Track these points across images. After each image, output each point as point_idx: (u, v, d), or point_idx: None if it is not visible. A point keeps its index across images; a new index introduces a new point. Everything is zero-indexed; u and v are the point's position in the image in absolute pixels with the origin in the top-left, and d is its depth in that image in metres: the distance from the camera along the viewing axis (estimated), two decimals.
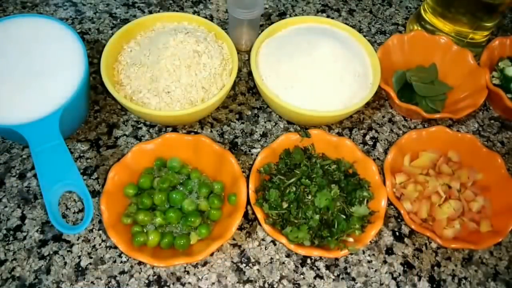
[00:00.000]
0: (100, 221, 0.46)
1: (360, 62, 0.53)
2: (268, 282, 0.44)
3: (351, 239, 0.44)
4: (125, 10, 0.65)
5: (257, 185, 0.46)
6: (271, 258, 0.46)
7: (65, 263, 0.44)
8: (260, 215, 0.44)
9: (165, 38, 0.50)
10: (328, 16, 0.68)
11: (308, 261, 0.46)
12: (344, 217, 0.44)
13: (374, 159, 0.53)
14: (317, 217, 0.44)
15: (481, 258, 0.48)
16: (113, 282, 0.43)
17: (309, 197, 0.45)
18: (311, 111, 0.49)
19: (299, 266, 0.45)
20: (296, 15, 0.67)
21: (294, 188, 0.45)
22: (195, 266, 0.44)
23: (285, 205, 0.45)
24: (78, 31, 0.62)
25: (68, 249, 0.45)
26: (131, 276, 0.43)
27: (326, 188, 0.45)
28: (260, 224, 0.45)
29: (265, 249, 0.46)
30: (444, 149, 0.52)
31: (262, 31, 0.55)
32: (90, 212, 0.42)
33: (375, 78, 0.53)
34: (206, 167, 0.48)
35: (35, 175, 0.48)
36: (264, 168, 0.47)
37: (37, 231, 0.45)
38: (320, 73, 0.51)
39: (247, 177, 0.46)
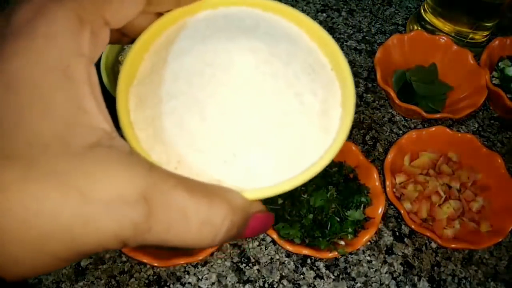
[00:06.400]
0: None
1: (314, 85, 0.24)
2: (268, 282, 0.44)
3: (342, 242, 0.44)
4: None
5: None
6: (271, 258, 0.46)
7: None
8: None
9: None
10: (328, 16, 0.68)
11: (308, 261, 0.46)
12: (338, 219, 0.44)
13: (374, 159, 0.53)
14: (310, 216, 0.44)
15: (481, 258, 0.48)
16: (113, 282, 0.43)
17: (305, 195, 0.45)
18: None
19: (299, 266, 0.45)
20: None
21: None
22: (195, 266, 0.44)
23: (280, 201, 0.45)
24: None
25: None
26: (131, 276, 0.43)
27: (323, 189, 0.45)
28: None
29: (265, 249, 0.46)
30: (444, 149, 0.52)
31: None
32: None
33: (346, 112, 0.24)
34: None
35: None
36: None
37: None
38: (232, 120, 0.22)
39: None
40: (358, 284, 0.45)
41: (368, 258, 0.47)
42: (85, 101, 0.18)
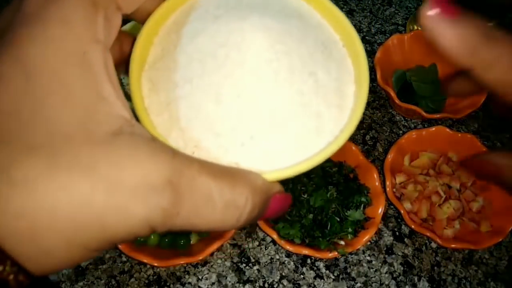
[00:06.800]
0: None
1: (328, 63, 0.24)
2: (268, 282, 0.44)
3: (342, 242, 0.44)
4: None
5: None
6: (271, 258, 0.46)
7: None
8: None
9: None
10: None
11: (308, 261, 0.46)
12: (338, 219, 0.44)
13: (374, 159, 0.53)
14: (310, 216, 0.44)
15: (481, 258, 0.48)
16: (113, 282, 0.43)
17: (305, 195, 0.45)
18: None
19: (299, 266, 0.45)
20: None
21: (291, 185, 0.45)
22: (195, 266, 0.44)
23: None
24: None
25: None
26: (131, 276, 0.43)
27: (323, 188, 0.45)
28: None
29: (265, 249, 0.46)
30: (444, 149, 0.52)
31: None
32: None
33: (360, 89, 0.23)
34: None
35: None
36: None
37: None
38: (248, 102, 0.22)
39: None
40: (358, 284, 0.45)
41: (368, 258, 0.47)
42: (104, 88, 0.18)
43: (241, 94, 0.21)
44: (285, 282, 0.44)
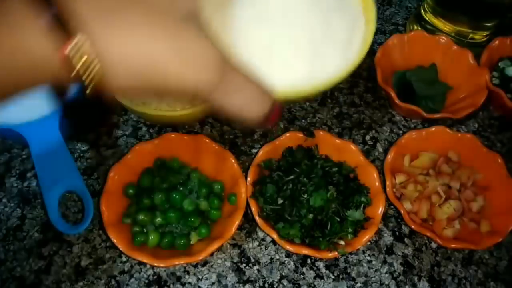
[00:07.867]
0: (100, 221, 0.46)
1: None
2: (268, 282, 0.44)
3: (342, 242, 0.44)
4: None
5: (255, 179, 0.46)
6: (271, 258, 0.46)
7: (65, 263, 0.44)
8: (254, 208, 0.44)
9: None
10: None
11: (308, 261, 0.46)
12: (338, 219, 0.44)
13: (374, 159, 0.53)
14: (310, 216, 0.44)
15: (481, 258, 0.48)
16: (113, 282, 0.43)
17: (305, 195, 0.45)
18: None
19: (299, 266, 0.45)
20: None
21: (291, 185, 0.45)
22: (195, 266, 0.45)
23: (280, 201, 0.45)
24: None
25: (68, 249, 0.45)
26: (131, 276, 0.43)
27: (323, 188, 0.45)
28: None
29: (265, 249, 0.46)
30: (444, 149, 0.52)
31: None
32: (90, 212, 0.42)
33: (368, 20, 0.36)
34: (206, 167, 0.48)
35: (35, 175, 0.48)
36: (265, 162, 0.47)
37: (37, 231, 0.45)
38: (282, 25, 0.34)
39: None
40: (358, 284, 0.45)
41: (368, 258, 0.47)
42: None
43: (275, 17, 0.31)
44: (285, 282, 0.44)
